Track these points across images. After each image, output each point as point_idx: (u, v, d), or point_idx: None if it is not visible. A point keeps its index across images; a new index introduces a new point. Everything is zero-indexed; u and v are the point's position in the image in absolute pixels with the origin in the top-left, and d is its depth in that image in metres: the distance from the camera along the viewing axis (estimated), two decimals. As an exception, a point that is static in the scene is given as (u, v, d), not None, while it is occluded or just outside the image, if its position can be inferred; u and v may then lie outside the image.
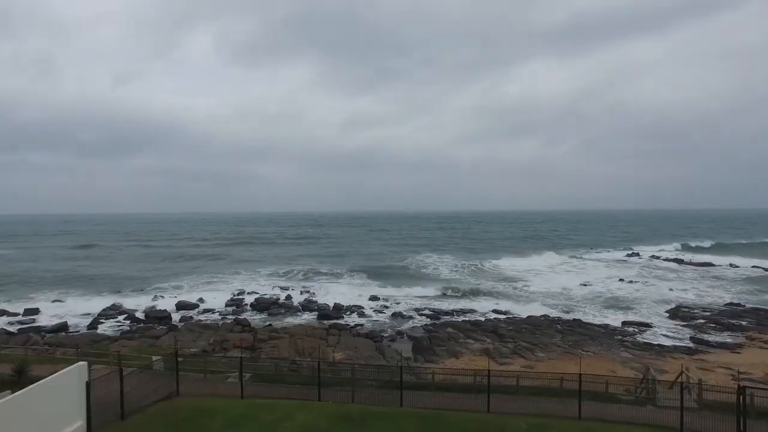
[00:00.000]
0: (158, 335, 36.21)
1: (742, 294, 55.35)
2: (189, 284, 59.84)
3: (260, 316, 44.78)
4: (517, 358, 31.62)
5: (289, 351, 31.15)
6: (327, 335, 36.32)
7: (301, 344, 32.75)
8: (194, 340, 34.64)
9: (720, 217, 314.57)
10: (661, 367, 28.41)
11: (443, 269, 75.30)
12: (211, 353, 30.95)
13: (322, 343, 33.54)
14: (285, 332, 35.90)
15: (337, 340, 34.93)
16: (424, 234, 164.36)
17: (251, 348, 32.37)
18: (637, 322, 41.55)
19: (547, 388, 18.84)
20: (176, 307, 47.00)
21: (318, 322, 42.45)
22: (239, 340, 33.31)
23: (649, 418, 16.46)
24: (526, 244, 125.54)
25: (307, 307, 48.46)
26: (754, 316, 44.27)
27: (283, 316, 44.97)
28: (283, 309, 47.58)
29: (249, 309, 47.68)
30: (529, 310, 46.93)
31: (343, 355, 31.30)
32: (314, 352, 30.10)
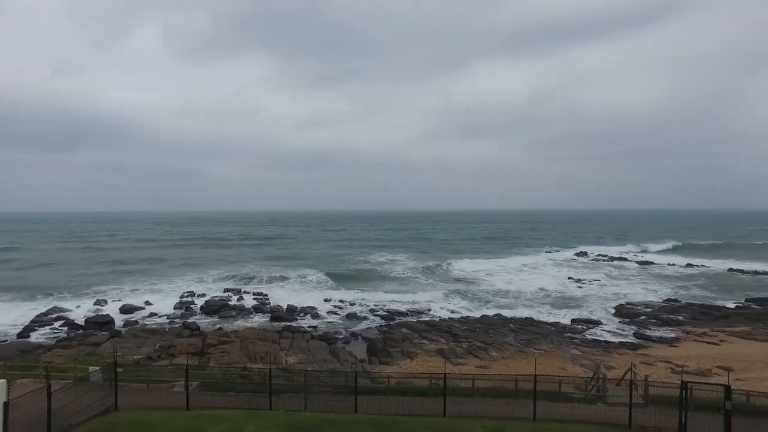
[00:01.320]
0: (99, 342, 34.18)
1: (678, 290, 58.14)
2: (134, 287, 57.10)
3: (210, 320, 43.22)
4: (472, 357, 31.77)
5: (240, 356, 30.05)
6: (280, 338, 35.38)
7: (252, 348, 31.68)
8: (138, 346, 32.90)
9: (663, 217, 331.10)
10: (609, 363, 29.24)
11: (399, 269, 75.34)
12: (157, 360, 29.45)
13: (275, 347, 32.61)
14: (236, 336, 34.66)
15: (290, 344, 34.07)
16: (382, 234, 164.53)
17: (200, 354, 31.03)
18: (586, 320, 42.79)
19: (502, 390, 18.86)
20: (120, 312, 44.66)
21: (271, 324, 41.37)
22: (186, 345, 31.86)
23: (600, 416, 16.71)
24: (481, 243, 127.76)
25: (260, 309, 47.20)
26: (688, 310, 46.56)
27: (234, 319, 43.58)
28: (235, 311, 46.13)
29: (199, 312, 45.94)
30: (483, 309, 47.53)
31: (297, 358, 30.52)
32: (266, 356, 29.15)
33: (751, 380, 26.23)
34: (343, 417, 15.77)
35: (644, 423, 16.26)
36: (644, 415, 16.54)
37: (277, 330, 38.18)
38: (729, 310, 46.95)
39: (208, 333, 36.46)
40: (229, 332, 36.71)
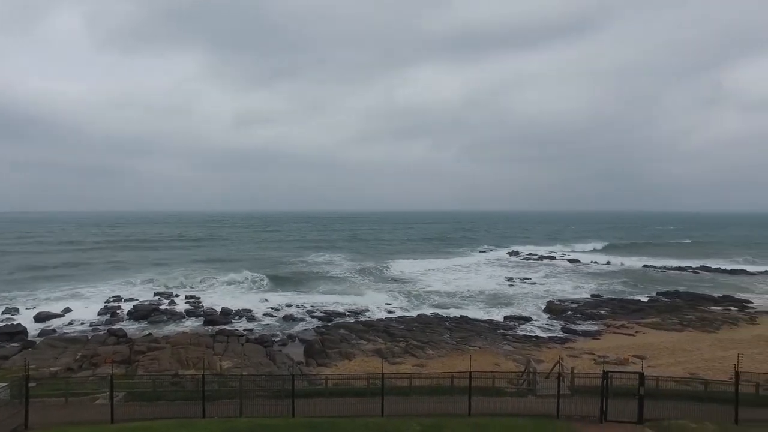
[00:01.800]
0: (8, 355, 31.49)
1: (601, 286, 61.92)
2: (52, 293, 53.14)
3: (139, 325, 41.07)
4: (409, 356, 32.24)
5: (171, 362, 28.75)
6: (214, 342, 34.23)
7: (184, 354, 30.41)
8: (56, 357, 30.67)
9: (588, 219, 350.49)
10: (539, 357, 30.65)
11: (337, 270, 75.09)
12: (77, 371, 27.61)
13: (209, 352, 31.50)
14: (167, 342, 33.15)
15: (224, 348, 33.05)
16: (320, 234, 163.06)
17: (127, 362, 29.41)
18: (518, 317, 44.58)
19: (439, 387, 19.29)
20: (35, 320, 41.39)
21: (204, 328, 39.92)
22: (111, 354, 30.09)
23: (530, 408, 17.50)
24: (418, 244, 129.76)
25: (193, 312, 45.43)
26: (609, 305, 49.74)
27: (165, 324, 41.67)
28: (166, 316, 44.10)
29: (126, 318, 43.50)
30: (420, 308, 48.34)
31: (232, 363, 29.67)
32: (199, 362, 28.09)
33: (660, 366, 28.50)
34: (280, 421, 15.53)
35: (570, 412, 17.22)
36: (571, 404, 17.52)
37: (211, 334, 36.91)
38: (643, 304, 50.59)
39: (137, 339, 34.65)
40: (159, 338, 35.06)
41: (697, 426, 16.15)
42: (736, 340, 35.58)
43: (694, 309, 47.49)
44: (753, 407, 17.45)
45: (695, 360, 30.46)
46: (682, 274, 74.80)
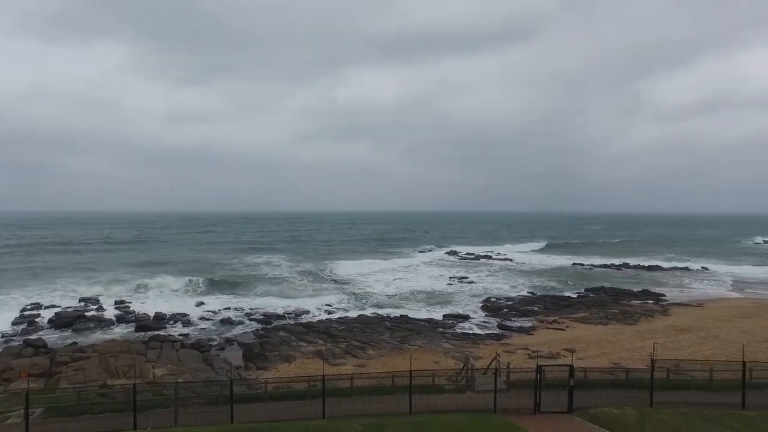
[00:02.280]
0: None
1: (535, 284, 64.70)
2: (-41, 301, 48.70)
3: (62, 334, 38.48)
4: (350, 357, 32.27)
5: (98, 372, 27.17)
6: (146, 349, 32.68)
7: (114, 363, 28.82)
8: (-35, 370, 28.13)
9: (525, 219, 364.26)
10: (477, 354, 31.56)
11: (276, 271, 73.80)
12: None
13: (140, 359, 30.05)
14: (93, 351, 31.27)
15: (158, 354, 31.64)
16: (260, 235, 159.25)
17: (47, 375, 27.47)
18: (456, 315, 45.70)
19: (380, 387, 19.46)
20: (-62, 331, 37.79)
21: (136, 334, 38.03)
22: (27, 367, 27.98)
23: (469, 404, 18.05)
24: (359, 245, 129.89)
25: (123, 318, 43.13)
26: (542, 302, 52.10)
27: (92, 332, 39.28)
28: (93, 323, 41.57)
29: (46, 326, 40.59)
30: (361, 309, 48.47)
31: (166, 370, 28.47)
32: (130, 370, 26.75)
33: (588, 358, 30.20)
34: (218, 428, 15.12)
35: (507, 406, 17.95)
36: (507, 398, 18.25)
37: (144, 340, 35.21)
38: (573, 300, 53.39)
39: (59, 350, 32.44)
40: (85, 347, 33.01)
41: (619, 411, 17.31)
42: (652, 330, 38.30)
43: (617, 303, 50.64)
44: (665, 390, 18.99)
45: (618, 350, 32.50)
46: (608, 271, 79.56)
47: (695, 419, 16.59)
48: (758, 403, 17.97)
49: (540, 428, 16.15)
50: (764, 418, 16.68)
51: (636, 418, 16.67)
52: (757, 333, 36.79)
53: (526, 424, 16.42)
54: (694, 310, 47.37)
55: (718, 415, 16.88)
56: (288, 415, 16.71)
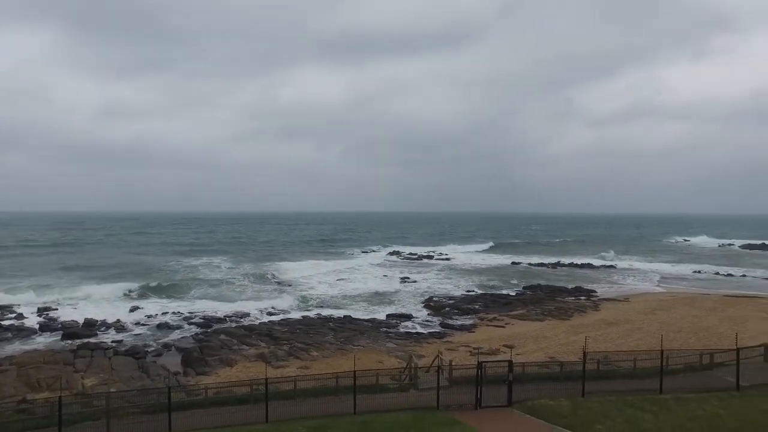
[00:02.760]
0: None
1: (475, 283, 66.54)
2: None
3: (-26, 346, 35.47)
4: (293, 359, 31.93)
5: (16, 387, 25.27)
6: (75, 359, 30.84)
7: (35, 375, 26.90)
8: None
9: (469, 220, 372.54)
10: (420, 352, 32.09)
11: (217, 274, 71.69)
12: None
13: (68, 369, 28.31)
14: (11, 363, 29.04)
15: (88, 363, 29.93)
16: (200, 237, 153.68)
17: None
18: (399, 315, 46.22)
19: (324, 388, 19.41)
20: None
21: (62, 343, 35.73)
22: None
23: (413, 402, 18.36)
24: (302, 246, 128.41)
25: (47, 326, 40.36)
26: (483, 300, 53.69)
27: (10, 342, 36.43)
28: (11, 333, 38.62)
29: (-43, 337, 37.31)
30: (304, 310, 48.00)
31: (97, 380, 26.99)
32: (55, 382, 25.13)
33: (526, 353, 31.48)
34: (156, 438, 14.55)
35: (449, 402, 18.42)
36: (449, 395, 18.73)
37: (71, 349, 33.20)
38: (512, 297, 55.37)
39: (-28, 362, 29.90)
40: (1, 359, 30.63)
41: (554, 402, 18.23)
42: (584, 325, 40.46)
43: (552, 300, 53.04)
44: (596, 380, 20.26)
45: (553, 345, 34.08)
46: (544, 270, 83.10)
47: (621, 405, 17.80)
48: (673, 387, 19.65)
49: (481, 422, 16.70)
50: (677, 401, 18.33)
51: (569, 407, 17.62)
52: (673, 324, 39.77)
53: (467, 419, 16.93)
54: (621, 304, 50.42)
55: (640, 400, 18.28)
56: (230, 420, 16.35)
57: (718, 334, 35.60)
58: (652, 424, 16.24)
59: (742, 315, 43.15)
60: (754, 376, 20.75)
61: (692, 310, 45.64)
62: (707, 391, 19.59)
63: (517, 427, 16.55)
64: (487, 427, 16.24)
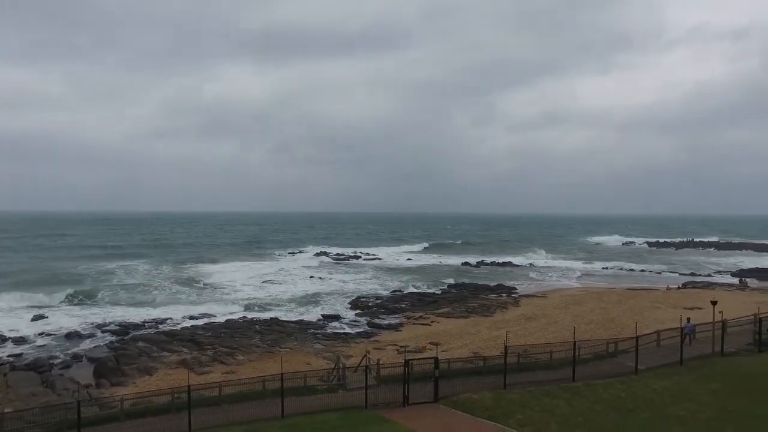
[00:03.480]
0: None
1: (402, 282, 67.68)
2: None
3: None
4: (218, 364, 30.90)
5: None
6: (-35, 375, 27.85)
7: None
8: None
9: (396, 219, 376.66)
10: (348, 353, 32.17)
11: (135, 277, 67.65)
12: None
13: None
14: None
15: (-19, 380, 27.14)
16: (116, 239, 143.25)
17: None
18: (327, 315, 46.04)
19: (250, 392, 18.96)
20: None
21: (-50, 359, 32.16)
22: None
23: (341, 402, 18.39)
24: (226, 247, 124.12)
25: (-69, 341, 36.18)
26: (409, 299, 54.76)
27: None
28: None
29: None
30: (228, 313, 46.50)
31: (-8, 397, 24.54)
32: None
33: (452, 349, 32.50)
34: (65, 455, 13.54)
35: (377, 401, 18.63)
36: (377, 394, 18.94)
37: (-39, 365, 29.95)
38: (437, 296, 56.90)
39: None
40: None
41: (477, 396, 19.02)
42: (506, 320, 42.43)
43: (476, 298, 55.08)
44: (516, 373, 21.37)
45: (477, 341, 35.44)
46: (469, 269, 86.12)
47: (538, 395, 18.93)
48: (584, 375, 21.25)
49: (408, 419, 17.05)
50: (587, 387, 19.94)
51: (492, 400, 18.46)
52: (584, 316, 42.74)
53: (395, 417, 17.23)
54: (538, 300, 53.37)
55: (555, 389, 19.59)
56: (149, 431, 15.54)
57: (621, 324, 38.67)
58: (565, 409, 17.41)
59: (640, 306, 47.19)
60: (649, 360, 22.92)
61: (600, 303, 49.24)
62: (612, 376, 21.32)
63: (443, 422, 17.08)
64: (415, 424, 16.62)
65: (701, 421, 16.17)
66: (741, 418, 16.27)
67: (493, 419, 16.68)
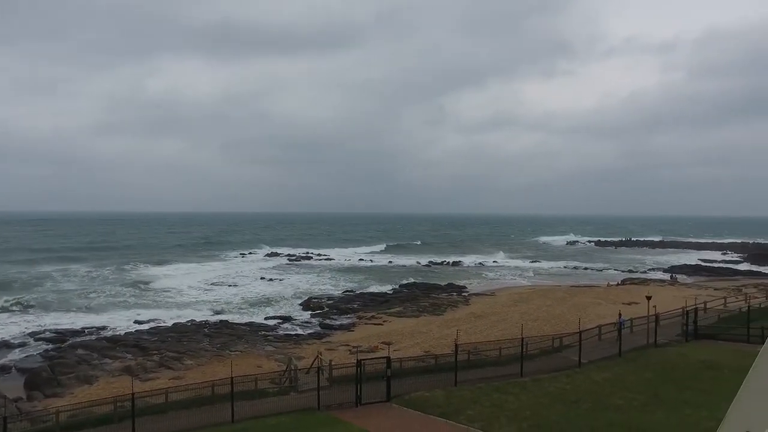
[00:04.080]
0: None
1: (354, 282, 67.68)
2: None
3: None
4: (165, 370, 29.85)
5: None
6: None
7: None
8: None
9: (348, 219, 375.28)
10: (300, 354, 31.82)
11: (73, 282, 64.21)
12: None
13: None
14: None
15: None
16: (53, 240, 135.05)
17: None
18: (278, 316, 45.39)
19: (199, 398, 18.45)
20: None
21: None
22: None
23: (293, 405, 18.21)
24: (172, 248, 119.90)
25: None
26: (361, 299, 54.83)
27: None
28: None
29: None
30: (175, 316, 44.96)
31: None
32: None
33: (404, 349, 32.80)
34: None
35: (330, 402, 18.56)
36: (330, 395, 18.87)
37: None
38: (389, 296, 57.24)
39: None
40: None
41: (429, 394, 19.30)
42: (456, 319, 43.24)
43: (427, 297, 55.81)
44: (467, 370, 21.87)
45: (429, 339, 35.93)
46: (420, 268, 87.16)
47: (488, 390, 19.45)
48: (531, 370, 22.04)
49: (361, 419, 17.09)
50: (534, 381, 20.75)
51: (443, 397, 18.79)
52: (531, 313, 44.20)
53: (348, 417, 17.22)
54: (488, 298, 54.71)
55: (504, 384, 20.20)
56: (89, 443, 14.82)
57: (566, 320, 40.26)
58: (514, 404, 17.97)
59: (584, 302, 49.31)
60: (591, 353, 24.07)
61: (546, 300, 51.06)
62: (558, 370, 22.20)
63: (396, 421, 17.22)
64: (367, 423, 16.67)
65: (635, 408, 17.19)
66: (669, 404, 17.49)
67: (444, 416, 16.97)
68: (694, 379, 20.13)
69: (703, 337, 28.22)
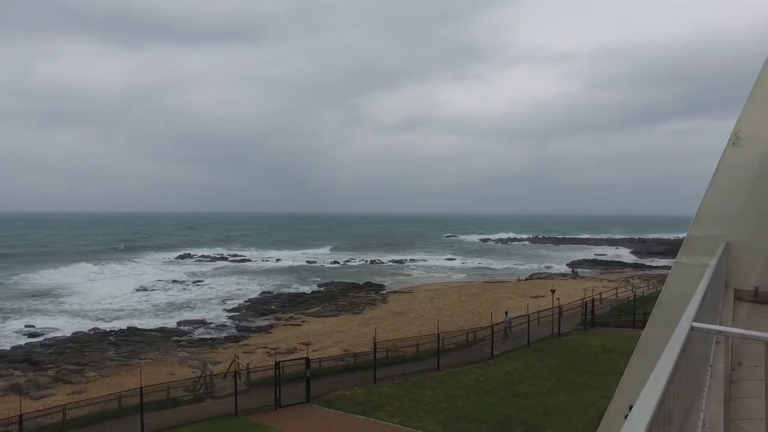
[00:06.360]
0: None
1: (272, 283, 66.29)
2: None
3: None
4: (62, 384, 27.43)
5: None
6: None
7: None
8: None
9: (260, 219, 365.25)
10: (216, 358, 30.68)
11: (-55, 290, 56.96)
12: None
13: None
14: None
15: None
16: None
17: None
18: (192, 320, 43.40)
19: (104, 412, 17.21)
20: None
21: None
22: None
23: (210, 412, 17.58)
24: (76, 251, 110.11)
25: None
26: (279, 300, 53.88)
27: None
28: None
29: None
30: (76, 325, 41.48)
31: None
32: None
33: (323, 349, 32.71)
34: None
35: (248, 406, 18.14)
36: (248, 399, 18.44)
37: None
38: (307, 296, 56.71)
39: None
40: None
41: (349, 392, 19.45)
42: (375, 317, 43.80)
43: (346, 296, 55.98)
44: (386, 367, 22.33)
45: (348, 338, 36.07)
46: (337, 267, 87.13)
47: (407, 386, 19.99)
48: (448, 364, 22.98)
49: (280, 422, 16.87)
50: (450, 375, 21.73)
51: (363, 395, 19.02)
52: (447, 309, 45.84)
53: (267, 420, 16.93)
54: (405, 296, 55.93)
55: (422, 379, 20.87)
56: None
57: (479, 314, 42.18)
58: (431, 397, 18.61)
59: (495, 297, 51.96)
60: (502, 345, 25.60)
61: (461, 296, 53.17)
62: (472, 362, 23.30)
63: (315, 421, 17.19)
64: (286, 426, 16.49)
65: (542, 394, 18.56)
66: (570, 387, 19.11)
67: (364, 414, 17.20)
68: (592, 363, 22.08)
69: (600, 325, 31.01)
